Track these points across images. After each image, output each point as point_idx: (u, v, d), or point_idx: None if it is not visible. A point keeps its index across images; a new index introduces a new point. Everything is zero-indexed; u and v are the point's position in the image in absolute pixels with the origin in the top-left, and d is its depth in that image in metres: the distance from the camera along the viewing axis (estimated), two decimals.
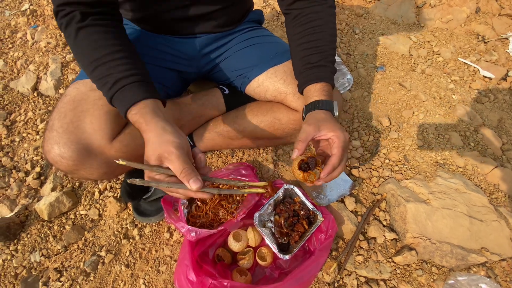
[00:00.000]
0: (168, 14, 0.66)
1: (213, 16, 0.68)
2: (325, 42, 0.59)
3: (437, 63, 1.13)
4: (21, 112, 0.98)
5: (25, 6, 1.39)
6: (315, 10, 0.59)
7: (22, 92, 1.03)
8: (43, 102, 1.00)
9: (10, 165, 0.85)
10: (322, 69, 0.57)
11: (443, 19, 1.30)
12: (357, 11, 1.31)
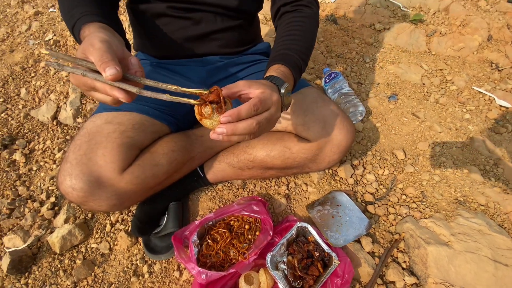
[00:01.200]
0: (175, 35, 0.69)
1: (216, 36, 0.71)
2: (301, 41, 0.61)
3: (451, 92, 1.11)
4: (40, 141, 1.01)
5: (49, 36, 1.48)
6: (296, 15, 0.64)
7: (42, 121, 1.07)
8: (61, 131, 1.03)
9: (26, 195, 0.87)
10: (288, 56, 0.57)
11: (454, 47, 1.30)
12: (367, 40, 1.33)
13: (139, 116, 0.63)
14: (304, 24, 0.63)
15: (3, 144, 0.98)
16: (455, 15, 1.41)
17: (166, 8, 0.63)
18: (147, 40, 0.71)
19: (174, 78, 0.73)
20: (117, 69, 0.35)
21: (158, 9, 0.64)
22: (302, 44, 0.61)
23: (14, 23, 1.70)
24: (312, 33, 0.65)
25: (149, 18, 0.67)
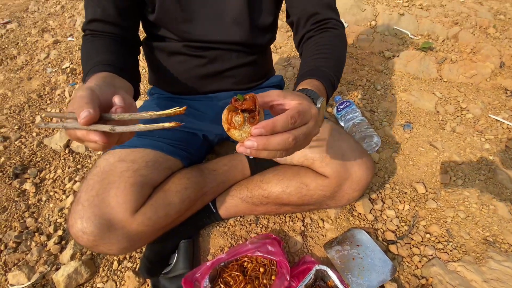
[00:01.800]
0: (190, 73, 0.69)
1: (231, 72, 0.71)
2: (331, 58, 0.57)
3: (467, 120, 1.09)
4: (51, 170, 1.01)
5: (66, 64, 1.53)
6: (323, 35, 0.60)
7: (54, 149, 1.07)
8: (73, 160, 1.03)
9: (33, 227, 0.85)
10: (319, 71, 0.52)
11: (466, 74, 1.29)
12: (377, 67, 1.33)
13: (153, 153, 0.62)
14: (332, 43, 0.60)
15: (14, 173, 0.98)
16: (464, 42, 1.41)
17: (182, 47, 0.64)
18: (161, 76, 0.72)
19: (189, 113, 0.72)
20: (90, 111, 0.32)
21: (174, 47, 0.64)
22: (333, 61, 0.56)
23: (34, 51, 1.78)
24: (341, 51, 0.62)
25: (165, 55, 0.68)
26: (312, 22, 0.61)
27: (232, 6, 0.58)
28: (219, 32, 0.61)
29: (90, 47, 0.55)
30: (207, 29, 0.61)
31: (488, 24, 1.54)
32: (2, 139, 1.12)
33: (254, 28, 0.63)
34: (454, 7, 1.66)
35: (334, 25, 0.62)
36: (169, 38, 0.64)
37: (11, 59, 1.75)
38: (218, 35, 0.61)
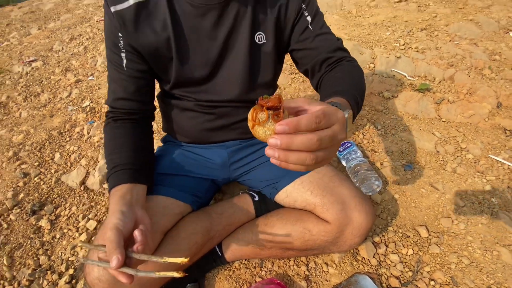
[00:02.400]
0: (200, 126, 0.76)
1: (237, 125, 0.77)
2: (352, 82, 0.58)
3: (467, 161, 1.11)
4: (67, 207, 1.06)
5: (86, 103, 1.65)
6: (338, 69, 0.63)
7: (71, 186, 1.13)
8: (87, 197, 1.08)
9: (46, 265, 0.88)
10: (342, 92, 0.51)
11: (464, 114, 1.34)
12: (377, 107, 1.40)
13: (164, 199, 0.67)
14: (349, 70, 0.62)
15: (32, 210, 1.03)
16: (460, 83, 1.48)
17: (194, 105, 0.71)
18: (174, 127, 0.79)
19: (198, 160, 0.78)
20: (119, 257, 0.42)
21: (187, 105, 0.72)
22: (353, 84, 0.57)
23: (57, 89, 1.92)
24: (359, 75, 0.62)
25: (177, 110, 0.75)
26: (326, 65, 0.65)
27: (237, 71, 0.66)
28: (227, 93, 0.69)
29: (112, 137, 0.66)
30: (216, 91, 0.68)
31: (483, 65, 1.62)
32: (23, 175, 1.20)
33: (257, 86, 0.71)
34: (449, 49, 1.76)
35: (348, 60, 0.65)
36: (182, 98, 0.72)
37: (35, 96, 1.89)
38: (225, 96, 0.69)
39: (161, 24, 0.60)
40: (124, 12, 0.58)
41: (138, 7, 0.58)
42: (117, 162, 0.61)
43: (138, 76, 0.65)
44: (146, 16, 0.59)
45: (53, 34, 3.21)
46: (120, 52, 0.62)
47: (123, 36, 0.60)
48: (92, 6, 4.20)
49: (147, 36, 0.60)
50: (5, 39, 3.54)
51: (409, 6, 2.68)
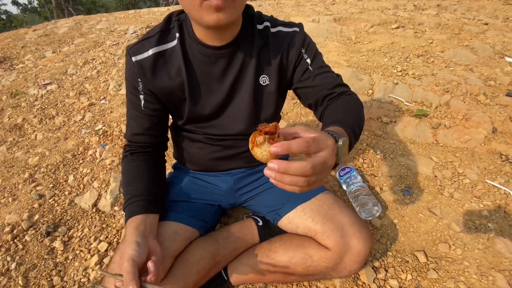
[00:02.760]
0: (208, 156, 0.82)
1: (243, 155, 0.83)
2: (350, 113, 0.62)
3: (464, 186, 1.15)
4: (79, 228, 1.11)
5: (98, 126, 1.73)
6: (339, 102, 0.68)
7: (83, 208, 1.19)
8: (99, 219, 1.13)
9: (59, 286, 0.92)
10: (340, 122, 0.56)
11: (461, 139, 1.39)
12: (376, 132, 1.46)
13: (175, 225, 0.72)
14: (349, 102, 0.67)
15: (47, 231, 1.09)
16: (456, 109, 1.54)
17: (203, 138, 0.78)
18: (184, 156, 0.85)
19: (206, 187, 0.84)
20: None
21: (196, 137, 0.79)
22: (351, 114, 0.61)
23: (71, 112, 2.02)
24: (358, 107, 0.67)
25: (188, 141, 0.82)
26: (328, 99, 0.70)
27: (242, 109, 0.73)
28: (233, 128, 0.75)
29: (129, 170, 0.74)
30: (223, 127, 0.75)
31: (478, 91, 1.69)
32: (38, 196, 1.26)
33: (261, 121, 0.78)
34: (444, 75, 1.84)
35: (348, 94, 0.70)
36: (193, 132, 0.79)
37: (50, 119, 1.99)
38: (232, 130, 0.76)
39: (176, 71, 0.67)
40: (144, 61, 0.66)
41: (156, 56, 0.66)
42: (133, 193, 0.68)
43: (153, 114, 0.72)
44: (163, 64, 0.67)
45: (67, 57, 3.38)
46: (139, 94, 0.70)
47: (142, 81, 0.68)
48: (105, 31, 4.43)
49: (163, 81, 0.68)
50: (20, 61, 3.73)
51: (406, 32, 2.81)
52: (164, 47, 0.67)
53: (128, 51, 0.67)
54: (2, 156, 1.64)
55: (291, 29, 0.71)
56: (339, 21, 3.27)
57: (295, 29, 0.71)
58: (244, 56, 0.68)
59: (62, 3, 18.30)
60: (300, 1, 5.26)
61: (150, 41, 0.66)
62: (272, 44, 0.69)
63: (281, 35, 0.70)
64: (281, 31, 0.70)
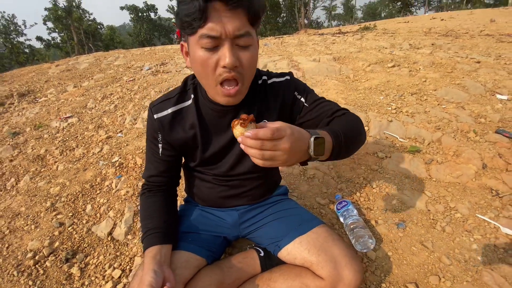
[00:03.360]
0: (215, 195, 0.93)
1: (247, 193, 0.94)
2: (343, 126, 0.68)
3: (456, 220, 1.22)
4: (95, 255, 1.20)
5: (115, 158, 1.88)
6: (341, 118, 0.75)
7: (99, 236, 1.28)
8: (113, 247, 1.22)
9: None
10: (328, 128, 0.63)
11: (453, 175, 1.48)
12: (372, 167, 1.56)
13: (186, 254, 0.82)
14: (347, 117, 0.74)
15: (66, 258, 1.18)
16: (447, 145, 1.65)
17: (212, 178, 0.90)
18: (194, 192, 0.97)
19: (213, 220, 0.95)
20: None
21: (206, 178, 0.91)
22: (341, 125, 0.68)
23: (89, 144, 2.19)
24: (352, 118, 0.74)
25: (197, 180, 0.94)
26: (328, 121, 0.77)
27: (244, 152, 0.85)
28: (238, 168, 0.88)
29: (146, 205, 0.86)
30: (230, 167, 0.88)
31: (469, 128, 1.80)
32: (58, 224, 1.36)
33: None
34: (436, 113, 1.97)
35: (343, 113, 0.77)
36: (202, 172, 0.91)
37: (70, 150, 2.16)
38: (236, 171, 0.88)
39: (190, 125, 0.81)
40: (163, 119, 0.80)
41: (174, 114, 0.81)
42: (150, 226, 0.80)
43: (169, 160, 0.86)
44: (179, 120, 0.81)
45: (87, 92, 3.67)
46: (158, 143, 0.84)
47: (161, 134, 0.82)
48: (122, 67, 4.81)
49: (179, 134, 0.82)
50: (43, 94, 4.04)
51: (401, 70, 3.01)
52: (181, 105, 0.81)
53: (151, 109, 0.82)
54: (26, 186, 1.78)
55: (283, 78, 0.84)
56: (338, 60, 3.52)
57: (286, 77, 0.84)
58: (248, 108, 0.82)
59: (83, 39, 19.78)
60: (303, 40, 5.66)
61: (170, 101, 0.81)
62: (270, 94, 0.83)
63: (276, 85, 0.84)
64: (275, 82, 0.84)
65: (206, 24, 0.59)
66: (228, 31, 0.59)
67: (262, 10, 0.64)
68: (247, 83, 0.70)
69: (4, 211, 1.52)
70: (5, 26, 19.85)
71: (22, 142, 2.42)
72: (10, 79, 5.28)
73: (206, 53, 0.62)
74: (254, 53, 0.66)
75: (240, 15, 0.60)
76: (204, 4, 0.57)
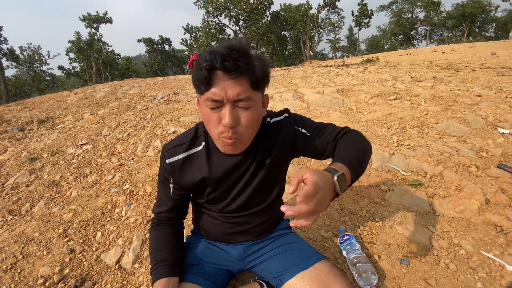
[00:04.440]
0: (221, 231, 0.98)
1: (252, 230, 0.98)
2: (352, 149, 0.76)
3: (460, 257, 1.22)
4: (102, 284, 1.22)
5: (126, 186, 1.96)
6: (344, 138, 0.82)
7: (107, 264, 1.32)
8: (120, 275, 1.25)
9: None
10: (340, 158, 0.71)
11: (456, 209, 1.49)
12: (375, 199, 1.59)
13: (192, 286, 0.85)
14: (350, 138, 0.81)
15: (75, 285, 1.21)
16: (449, 180, 1.68)
17: (219, 215, 0.96)
18: (201, 226, 1.03)
19: (219, 253, 0.99)
20: None
21: (213, 214, 0.97)
22: (350, 149, 0.75)
23: (102, 171, 2.29)
24: (358, 139, 0.81)
25: (205, 215, 1.00)
26: (334, 145, 0.85)
27: (250, 189, 0.91)
28: (243, 205, 0.93)
29: (155, 238, 0.92)
30: (236, 205, 0.94)
31: (470, 162, 1.84)
32: (69, 251, 1.41)
33: (267, 194, 0.96)
34: (438, 146, 2.02)
35: (345, 132, 0.84)
36: (209, 209, 0.97)
37: (84, 177, 2.26)
38: (242, 206, 0.94)
39: (199, 169, 0.88)
40: (175, 163, 0.88)
41: (185, 159, 0.88)
42: (158, 259, 0.86)
43: (178, 198, 0.93)
44: (189, 164, 0.88)
45: (102, 119, 3.87)
46: (169, 184, 0.91)
47: (172, 177, 0.90)
48: (137, 96, 5.08)
49: (188, 178, 0.89)
50: (61, 121, 4.26)
51: (403, 103, 3.11)
52: (192, 151, 0.89)
53: (164, 153, 0.90)
54: (40, 211, 1.86)
55: (282, 116, 0.91)
56: (342, 92, 3.67)
57: (285, 115, 0.91)
58: (254, 151, 0.89)
59: (101, 68, 21.00)
60: (307, 72, 5.93)
61: (182, 147, 0.88)
62: (273, 133, 0.90)
63: (278, 124, 0.90)
64: (276, 121, 0.91)
65: (211, 89, 0.69)
66: (229, 96, 0.69)
67: (264, 76, 0.73)
68: (247, 138, 0.78)
69: (18, 236, 1.58)
70: (30, 56, 21.36)
71: (39, 167, 2.54)
72: (32, 105, 5.61)
73: (211, 112, 0.72)
74: (254, 114, 0.74)
75: (241, 82, 0.69)
76: (208, 73, 0.68)
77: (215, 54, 0.66)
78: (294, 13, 26.41)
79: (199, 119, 3.20)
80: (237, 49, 0.68)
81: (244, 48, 0.69)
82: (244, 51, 0.69)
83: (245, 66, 0.68)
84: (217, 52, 0.66)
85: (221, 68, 0.67)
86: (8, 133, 3.88)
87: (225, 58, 0.66)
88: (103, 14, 20.81)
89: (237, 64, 0.67)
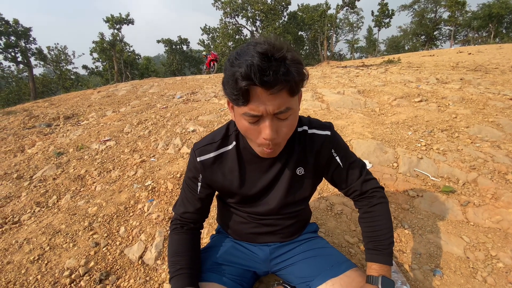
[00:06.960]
0: (248, 230, 0.96)
1: (279, 231, 0.95)
2: (381, 231, 0.85)
3: (498, 270, 1.13)
4: (126, 278, 1.24)
5: (148, 182, 1.99)
6: (372, 203, 0.89)
7: (131, 259, 1.33)
8: (143, 271, 1.26)
9: None
10: (376, 254, 0.83)
11: (492, 219, 1.40)
12: (403, 206, 1.51)
13: (217, 286, 0.83)
14: (378, 211, 0.88)
15: (100, 279, 1.23)
16: (485, 187, 1.57)
17: (246, 216, 0.94)
18: (227, 225, 1.01)
19: (245, 253, 0.97)
20: None
21: (240, 214, 0.95)
22: (386, 229, 0.86)
23: (125, 167, 2.34)
24: (386, 214, 0.88)
25: (232, 215, 0.98)
26: (355, 195, 0.91)
27: (280, 194, 0.88)
28: (271, 210, 0.91)
29: (178, 243, 0.89)
30: (263, 208, 0.91)
31: (507, 170, 1.72)
32: (94, 244, 1.44)
33: (294, 203, 0.92)
34: (470, 152, 1.91)
35: (372, 192, 0.89)
36: (237, 209, 0.95)
37: (107, 172, 2.31)
38: (270, 211, 0.91)
39: (229, 169, 0.86)
40: (206, 162, 0.87)
41: (216, 158, 0.87)
42: (179, 266, 0.83)
43: (205, 198, 0.91)
44: (219, 164, 0.87)
45: (124, 117, 3.97)
46: (197, 182, 0.90)
47: (202, 175, 0.88)
48: (156, 95, 5.19)
49: (219, 177, 0.87)
50: (85, 118, 4.42)
51: (429, 106, 2.98)
52: (223, 150, 0.87)
53: (194, 151, 0.88)
54: (67, 204, 1.92)
55: (324, 132, 0.88)
56: (363, 93, 3.57)
57: (327, 132, 0.87)
58: (286, 155, 0.86)
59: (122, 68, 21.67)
60: (326, 72, 5.83)
61: (213, 146, 0.87)
62: (308, 145, 0.87)
63: (316, 137, 0.87)
64: (315, 134, 0.87)
65: (249, 104, 0.64)
66: (268, 110, 0.65)
67: (302, 79, 0.68)
68: (285, 142, 0.78)
69: (46, 228, 1.63)
70: (57, 55, 22.39)
71: (65, 162, 2.63)
72: (58, 102, 5.86)
73: (249, 125, 0.70)
74: (293, 121, 0.72)
75: (281, 94, 0.64)
76: (246, 89, 0.62)
77: (253, 68, 0.59)
78: (311, 13, 26.14)
79: (217, 119, 3.21)
80: (274, 57, 0.61)
81: (281, 54, 0.61)
82: (281, 58, 0.61)
83: (285, 78, 0.62)
84: (255, 65, 0.59)
85: (261, 85, 0.61)
86: (36, 128, 4.06)
87: (264, 73, 0.60)
88: (126, 15, 21.48)
89: (276, 78, 0.60)
